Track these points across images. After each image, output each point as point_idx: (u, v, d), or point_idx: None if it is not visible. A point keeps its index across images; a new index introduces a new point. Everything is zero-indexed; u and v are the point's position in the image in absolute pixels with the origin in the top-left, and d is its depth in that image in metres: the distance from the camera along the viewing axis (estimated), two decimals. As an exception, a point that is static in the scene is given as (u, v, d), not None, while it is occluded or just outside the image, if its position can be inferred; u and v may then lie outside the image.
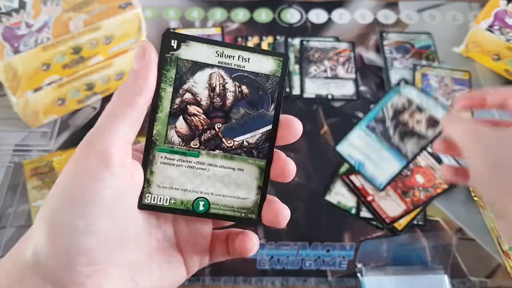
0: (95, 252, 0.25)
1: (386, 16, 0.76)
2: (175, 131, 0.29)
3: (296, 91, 0.66)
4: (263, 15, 0.75)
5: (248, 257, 0.30)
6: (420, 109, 0.57)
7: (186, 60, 0.28)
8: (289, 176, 0.29)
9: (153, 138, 0.28)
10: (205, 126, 0.29)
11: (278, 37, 0.72)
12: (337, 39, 0.72)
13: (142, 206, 0.28)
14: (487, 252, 0.53)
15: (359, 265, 0.52)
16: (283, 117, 0.29)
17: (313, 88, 0.66)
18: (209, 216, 0.29)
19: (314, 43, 0.71)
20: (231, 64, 0.29)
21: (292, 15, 0.75)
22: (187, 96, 0.29)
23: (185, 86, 0.28)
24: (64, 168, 0.25)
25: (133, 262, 0.28)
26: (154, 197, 0.29)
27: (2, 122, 0.62)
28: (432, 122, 0.56)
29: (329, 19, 0.75)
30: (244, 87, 0.29)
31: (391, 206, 0.56)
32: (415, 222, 0.55)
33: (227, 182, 0.29)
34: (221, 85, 0.29)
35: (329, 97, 0.66)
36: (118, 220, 0.26)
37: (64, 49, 0.55)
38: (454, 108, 0.43)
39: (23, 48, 0.53)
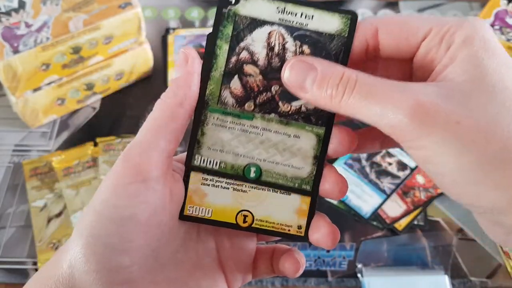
0: (129, 270, 0.24)
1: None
2: (229, 91, 0.26)
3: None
4: (263, 15, 0.75)
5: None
6: (389, 154, 0.59)
7: (245, 16, 0.26)
8: (341, 193, 0.26)
9: (206, 98, 0.26)
10: (261, 88, 0.27)
11: (278, 37, 0.72)
12: (337, 39, 0.72)
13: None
14: (487, 252, 0.53)
15: (359, 266, 0.52)
16: (337, 127, 0.26)
17: (313, 88, 0.66)
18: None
19: (314, 43, 0.71)
20: (292, 21, 0.26)
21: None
22: (244, 54, 0.26)
23: (242, 44, 0.26)
24: (102, 181, 0.24)
25: (171, 279, 0.26)
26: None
27: (1, 122, 0.62)
28: (402, 166, 0.58)
29: (329, 19, 0.75)
30: (305, 47, 0.26)
31: (391, 206, 0.56)
32: (415, 222, 0.55)
33: (281, 149, 0.27)
34: (280, 44, 0.26)
35: (329, 97, 0.66)
36: (155, 237, 0.24)
37: (63, 49, 0.55)
38: None
39: (23, 48, 0.53)
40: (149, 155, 0.24)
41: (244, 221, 0.27)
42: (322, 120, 0.26)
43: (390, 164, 0.58)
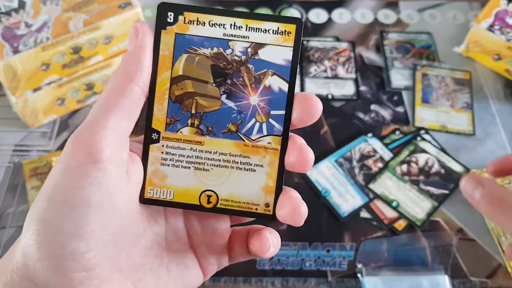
0: (86, 257, 0.22)
1: (387, 16, 0.76)
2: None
3: (296, 91, 0.66)
4: (263, 15, 0.75)
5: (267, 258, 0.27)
6: (382, 159, 0.59)
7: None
8: (307, 164, 0.25)
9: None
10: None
11: (278, 37, 0.72)
12: (337, 39, 0.72)
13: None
14: (487, 252, 0.53)
15: (359, 266, 0.52)
16: (299, 95, 0.26)
17: (313, 88, 0.66)
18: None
19: (314, 43, 0.71)
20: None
21: (292, 15, 0.75)
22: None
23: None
24: (53, 166, 0.23)
25: (136, 266, 0.25)
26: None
27: (1, 122, 0.62)
28: None
29: (329, 19, 0.75)
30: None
31: (386, 207, 0.56)
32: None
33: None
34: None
35: (329, 97, 0.66)
36: (112, 221, 0.23)
37: (63, 49, 0.55)
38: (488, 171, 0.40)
39: (23, 48, 0.53)
40: (100, 134, 0.23)
41: (209, 202, 0.26)
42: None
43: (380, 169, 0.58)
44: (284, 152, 0.26)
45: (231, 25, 0.25)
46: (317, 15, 0.76)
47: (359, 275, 0.51)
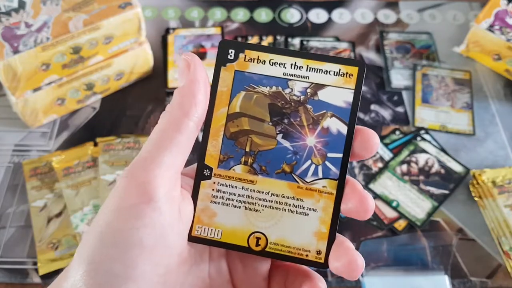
0: None
1: (387, 16, 0.76)
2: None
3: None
4: (263, 15, 0.75)
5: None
6: (382, 159, 0.59)
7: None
8: (367, 212, 0.24)
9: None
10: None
11: (278, 37, 0.72)
12: (337, 39, 0.72)
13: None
14: (487, 252, 0.53)
15: (359, 266, 0.52)
16: (356, 129, 0.25)
17: (313, 88, 0.66)
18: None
19: (314, 43, 0.71)
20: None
21: (292, 15, 0.75)
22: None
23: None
24: (106, 200, 0.23)
25: None
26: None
27: (1, 122, 0.62)
28: None
29: (329, 19, 0.75)
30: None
31: (386, 207, 0.56)
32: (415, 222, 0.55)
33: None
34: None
35: (329, 97, 0.66)
36: (163, 261, 0.23)
37: (63, 49, 0.55)
38: None
39: (23, 48, 0.53)
40: (155, 172, 0.22)
41: (257, 244, 0.25)
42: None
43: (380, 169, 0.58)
44: (339, 197, 0.25)
45: (291, 64, 0.25)
46: (317, 15, 0.76)
47: (359, 275, 0.51)
